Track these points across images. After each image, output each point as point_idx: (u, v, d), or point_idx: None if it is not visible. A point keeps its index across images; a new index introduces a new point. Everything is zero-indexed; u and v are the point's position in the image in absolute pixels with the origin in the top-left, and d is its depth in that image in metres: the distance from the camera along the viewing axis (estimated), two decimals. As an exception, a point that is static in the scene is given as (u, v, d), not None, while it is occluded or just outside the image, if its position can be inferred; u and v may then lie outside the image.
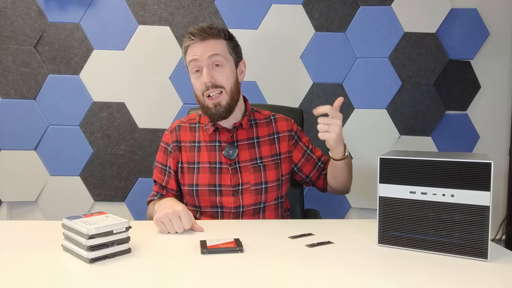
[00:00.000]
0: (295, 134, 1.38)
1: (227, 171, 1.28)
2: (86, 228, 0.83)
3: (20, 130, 1.98)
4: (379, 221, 0.96)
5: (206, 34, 1.23)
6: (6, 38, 1.94)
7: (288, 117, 1.42)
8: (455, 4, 2.00)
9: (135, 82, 2.00)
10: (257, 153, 1.32)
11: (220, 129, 1.31)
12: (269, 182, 1.31)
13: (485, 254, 0.85)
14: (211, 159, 1.30)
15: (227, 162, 1.29)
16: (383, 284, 0.75)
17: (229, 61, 1.27)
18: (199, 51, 1.23)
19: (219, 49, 1.24)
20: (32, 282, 0.74)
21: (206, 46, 1.23)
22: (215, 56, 1.23)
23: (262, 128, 1.36)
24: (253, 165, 1.30)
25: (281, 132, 1.36)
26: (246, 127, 1.33)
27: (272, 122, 1.38)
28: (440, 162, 0.89)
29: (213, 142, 1.31)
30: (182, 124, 1.36)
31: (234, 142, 1.31)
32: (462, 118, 2.05)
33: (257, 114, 1.39)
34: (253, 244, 0.95)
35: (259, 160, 1.31)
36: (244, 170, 1.29)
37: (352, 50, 2.01)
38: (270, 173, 1.31)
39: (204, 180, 1.28)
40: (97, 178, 2.02)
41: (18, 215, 2.04)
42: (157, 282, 0.75)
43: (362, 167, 2.03)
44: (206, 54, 1.22)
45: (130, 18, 1.97)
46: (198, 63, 1.23)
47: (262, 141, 1.34)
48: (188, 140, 1.33)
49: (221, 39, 1.26)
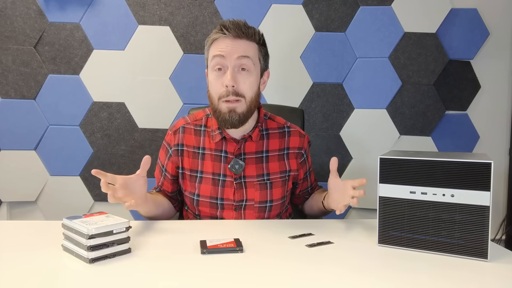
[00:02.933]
0: (304, 152, 1.29)
1: (231, 184, 1.20)
2: (86, 228, 0.83)
3: (20, 130, 1.98)
4: (379, 221, 0.96)
5: (241, 32, 1.11)
6: (6, 38, 1.94)
7: (303, 132, 1.31)
8: (455, 4, 2.00)
9: (135, 82, 2.00)
10: (264, 169, 1.22)
11: (228, 139, 1.20)
12: (275, 201, 1.23)
13: (485, 254, 0.85)
14: (215, 170, 1.20)
15: (232, 176, 1.20)
16: (383, 284, 0.75)
17: (256, 68, 1.15)
18: (228, 48, 1.10)
19: (250, 52, 1.12)
20: (32, 282, 0.74)
21: (236, 45, 1.11)
22: (244, 58, 1.11)
23: (273, 140, 1.25)
24: (259, 182, 1.21)
25: (292, 149, 1.26)
26: (256, 139, 1.21)
27: (286, 135, 1.27)
28: (440, 162, 0.89)
29: (218, 152, 1.21)
30: (186, 125, 1.24)
31: (241, 154, 1.21)
32: (462, 118, 2.05)
33: (270, 122, 1.27)
34: (253, 244, 0.95)
35: (266, 177, 1.22)
36: (250, 186, 1.20)
37: (352, 50, 2.01)
38: (277, 191, 1.23)
39: (206, 191, 1.20)
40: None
41: (18, 215, 2.04)
42: (157, 282, 0.75)
43: (362, 167, 2.03)
44: (235, 54, 1.10)
45: (130, 18, 1.97)
46: (224, 61, 1.11)
47: (272, 156, 1.24)
48: (192, 145, 1.22)
49: (255, 42, 1.15)
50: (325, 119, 2.05)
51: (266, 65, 1.22)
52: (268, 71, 1.24)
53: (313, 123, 2.05)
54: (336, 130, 2.05)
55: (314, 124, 2.05)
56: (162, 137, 1.34)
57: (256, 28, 1.17)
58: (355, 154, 2.05)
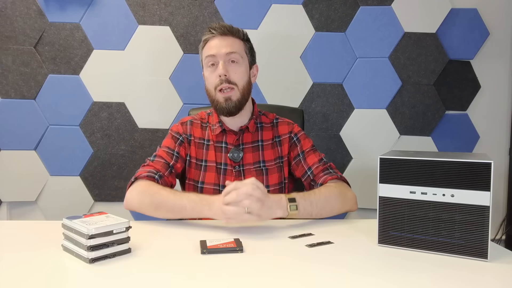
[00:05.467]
0: (294, 136, 1.38)
1: (231, 172, 1.31)
2: (86, 228, 0.83)
3: (20, 130, 1.98)
4: (379, 221, 0.96)
5: (226, 30, 1.28)
6: (6, 38, 1.94)
7: (292, 121, 1.42)
8: (455, 4, 2.00)
9: (135, 82, 2.00)
10: (260, 157, 1.34)
11: (227, 131, 1.33)
12: (271, 186, 1.32)
13: (485, 254, 0.85)
14: (217, 159, 1.32)
15: (231, 164, 1.31)
16: (383, 284, 0.75)
17: (244, 60, 1.31)
18: (217, 45, 1.26)
19: (236, 47, 1.28)
20: (32, 282, 0.74)
21: (224, 42, 1.27)
22: (232, 54, 1.27)
23: (266, 131, 1.37)
24: (255, 168, 1.32)
25: (282, 135, 1.38)
26: (252, 130, 1.34)
27: (275, 125, 1.39)
28: (440, 162, 0.89)
29: (219, 143, 1.33)
30: (194, 121, 1.38)
31: (240, 145, 1.33)
32: (462, 118, 2.05)
33: (263, 117, 1.40)
34: (253, 244, 0.95)
35: (262, 164, 1.33)
36: (247, 173, 1.31)
37: (352, 50, 2.01)
38: (273, 177, 1.33)
39: (210, 178, 1.31)
40: (97, 178, 2.02)
41: (18, 215, 2.04)
42: (157, 282, 0.75)
43: (362, 167, 2.03)
44: (223, 50, 1.26)
45: (130, 18, 1.97)
46: (215, 58, 1.26)
47: (266, 144, 1.35)
48: (198, 137, 1.35)
49: (239, 39, 1.31)
50: (325, 119, 2.05)
51: (254, 60, 1.37)
52: (257, 65, 1.39)
53: (313, 123, 2.05)
54: (336, 130, 2.05)
55: (314, 124, 2.05)
56: (162, 137, 1.34)
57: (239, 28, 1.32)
58: (355, 154, 2.05)
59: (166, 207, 1.12)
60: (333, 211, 1.19)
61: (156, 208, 1.14)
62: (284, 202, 1.08)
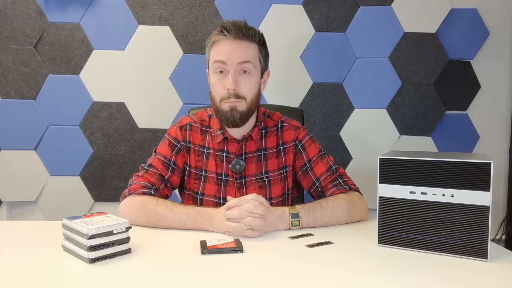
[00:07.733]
0: (299, 143, 1.27)
1: (232, 184, 1.23)
2: (86, 228, 0.83)
3: (20, 130, 1.98)
4: (379, 221, 0.96)
5: (241, 33, 1.13)
6: (6, 38, 1.94)
7: (298, 123, 1.31)
8: (455, 4, 2.00)
9: (135, 82, 2.00)
10: (263, 167, 1.25)
11: (229, 139, 1.23)
12: (274, 198, 1.25)
13: (485, 254, 0.85)
14: (218, 170, 1.23)
15: (233, 176, 1.23)
16: (383, 284, 0.75)
17: (257, 70, 1.18)
18: (229, 52, 1.13)
19: (250, 56, 1.15)
20: (32, 282, 0.74)
21: (237, 48, 1.13)
22: (245, 63, 1.14)
23: (270, 138, 1.27)
24: (258, 180, 1.24)
25: (287, 143, 1.27)
26: (256, 138, 1.24)
27: (279, 131, 1.28)
28: (440, 162, 0.89)
29: (220, 152, 1.23)
30: (193, 124, 1.26)
31: (242, 154, 1.23)
32: (462, 118, 2.05)
33: (268, 120, 1.29)
34: (253, 244, 0.95)
35: (265, 175, 1.24)
36: (249, 185, 1.23)
37: (352, 50, 2.01)
38: (276, 188, 1.25)
39: (210, 190, 1.23)
40: (97, 178, 2.02)
41: (18, 215, 2.04)
42: (157, 282, 0.75)
43: (362, 167, 2.03)
44: (236, 59, 1.13)
45: (130, 18, 1.97)
46: (225, 66, 1.14)
47: (270, 153, 1.26)
48: (198, 144, 1.25)
49: (255, 43, 1.17)
50: (325, 119, 2.05)
51: (266, 65, 1.24)
52: (268, 70, 1.27)
53: (313, 123, 2.05)
54: (336, 130, 2.05)
55: (314, 124, 2.05)
56: (162, 137, 1.31)
57: (256, 28, 1.18)
58: (355, 154, 2.05)
59: (165, 225, 1.08)
60: (339, 223, 1.15)
61: (154, 226, 1.10)
62: (287, 217, 1.07)
